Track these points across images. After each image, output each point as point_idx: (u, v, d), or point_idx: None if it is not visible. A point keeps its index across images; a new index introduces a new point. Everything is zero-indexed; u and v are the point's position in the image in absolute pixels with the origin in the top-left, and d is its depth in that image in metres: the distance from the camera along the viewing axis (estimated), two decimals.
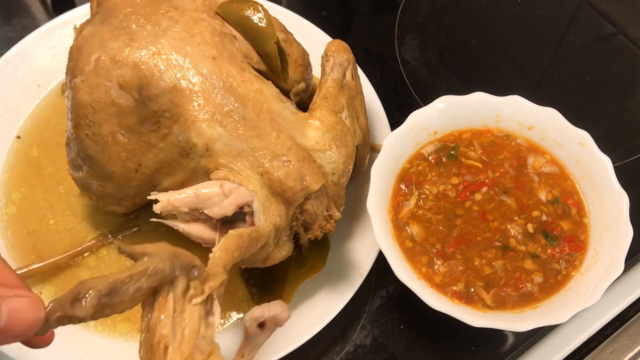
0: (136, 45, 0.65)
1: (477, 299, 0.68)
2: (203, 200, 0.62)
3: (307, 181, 0.64)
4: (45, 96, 0.88)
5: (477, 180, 0.74)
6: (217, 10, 0.71)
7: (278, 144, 0.65)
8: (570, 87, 0.98)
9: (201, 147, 0.64)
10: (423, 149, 0.77)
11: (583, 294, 0.66)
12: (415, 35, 1.02)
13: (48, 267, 0.75)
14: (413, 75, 0.97)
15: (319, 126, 0.68)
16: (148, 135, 0.66)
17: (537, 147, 0.77)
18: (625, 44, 1.01)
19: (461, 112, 0.77)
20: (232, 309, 0.75)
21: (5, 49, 0.88)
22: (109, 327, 0.74)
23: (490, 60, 1.00)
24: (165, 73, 0.64)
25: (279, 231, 0.65)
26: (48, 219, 0.80)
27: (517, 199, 0.73)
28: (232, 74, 0.67)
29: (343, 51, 0.74)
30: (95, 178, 0.70)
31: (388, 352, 0.75)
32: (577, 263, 0.70)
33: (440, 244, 0.71)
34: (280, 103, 0.68)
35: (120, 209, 0.74)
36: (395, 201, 0.73)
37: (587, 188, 0.74)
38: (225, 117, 0.64)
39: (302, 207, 0.65)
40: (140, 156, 0.67)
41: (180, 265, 0.48)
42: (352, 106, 0.74)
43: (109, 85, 0.65)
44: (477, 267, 0.69)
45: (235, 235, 0.58)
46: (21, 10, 1.00)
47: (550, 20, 1.04)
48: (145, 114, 0.65)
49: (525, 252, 0.70)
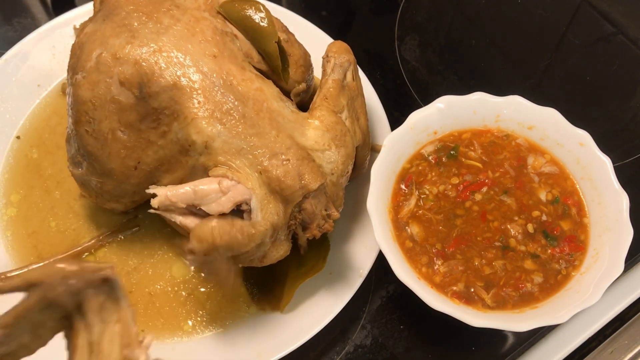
0: (137, 43, 0.65)
1: (477, 299, 0.68)
2: (201, 197, 0.62)
3: (306, 180, 0.64)
4: (45, 96, 0.88)
5: (477, 180, 0.74)
6: (218, 9, 0.71)
7: (277, 142, 0.65)
8: (570, 87, 0.98)
9: (200, 144, 0.64)
10: (423, 149, 0.77)
11: (583, 294, 0.66)
12: (415, 35, 1.02)
13: None
14: (413, 75, 0.97)
15: (318, 126, 0.68)
16: (148, 133, 0.67)
17: (537, 147, 0.77)
18: (625, 44, 1.01)
19: (461, 112, 0.77)
20: (232, 309, 0.75)
21: (5, 49, 0.88)
22: None
23: (490, 60, 1.00)
24: (165, 70, 0.65)
25: (276, 230, 0.65)
26: (49, 220, 0.80)
27: (517, 199, 0.73)
28: (233, 72, 0.67)
29: (344, 52, 0.74)
30: (94, 175, 0.70)
31: (388, 352, 0.75)
32: (577, 263, 0.70)
33: (440, 244, 0.71)
34: (280, 102, 0.68)
35: (119, 206, 0.74)
36: (395, 201, 0.73)
37: (587, 188, 0.74)
38: (225, 115, 0.64)
39: (300, 206, 0.65)
40: (139, 153, 0.67)
41: (82, 285, 0.40)
42: (352, 107, 0.74)
43: (109, 82, 0.65)
44: (477, 267, 0.69)
45: (227, 220, 0.59)
46: (21, 10, 1.00)
47: (550, 20, 1.04)
48: (145, 111, 0.66)
49: (525, 252, 0.70)
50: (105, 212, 0.79)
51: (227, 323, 0.74)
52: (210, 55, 0.67)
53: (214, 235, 0.58)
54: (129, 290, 0.75)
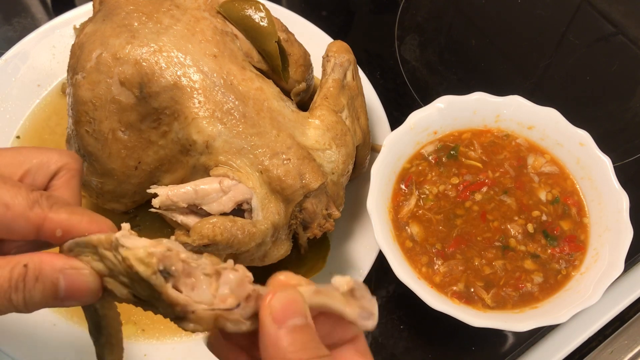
0: (137, 43, 0.65)
1: (477, 299, 0.68)
2: (202, 196, 0.62)
3: (307, 179, 0.64)
4: (45, 96, 0.88)
5: (477, 180, 0.74)
6: (218, 9, 0.71)
7: (278, 142, 0.65)
8: (570, 87, 0.98)
9: (201, 144, 0.64)
10: (423, 149, 0.77)
11: (583, 294, 0.66)
12: (415, 35, 1.02)
13: None
14: (413, 75, 0.97)
15: (319, 125, 0.68)
16: (148, 133, 0.67)
17: (537, 147, 0.77)
18: (625, 44, 1.01)
19: (461, 112, 0.77)
20: None
21: (5, 49, 0.88)
22: None
23: (490, 60, 1.00)
24: (166, 70, 0.65)
25: (277, 229, 0.65)
26: None
27: (517, 199, 0.73)
28: (233, 72, 0.67)
29: (344, 52, 0.74)
30: (95, 175, 0.70)
31: (388, 352, 0.75)
32: (577, 263, 0.70)
33: (440, 244, 0.71)
34: (281, 102, 0.68)
35: (120, 206, 0.74)
36: (395, 201, 0.73)
37: (587, 188, 0.74)
38: (226, 114, 0.64)
39: (301, 206, 0.65)
40: (140, 153, 0.67)
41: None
42: (352, 106, 0.74)
43: (110, 82, 0.65)
44: (477, 267, 0.69)
45: (229, 218, 0.59)
46: (21, 10, 1.00)
47: (550, 20, 1.04)
48: (145, 111, 0.66)
49: (525, 252, 0.70)
50: (106, 212, 0.79)
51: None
52: (211, 55, 0.67)
53: (214, 231, 0.58)
54: None
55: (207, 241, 0.58)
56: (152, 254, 0.38)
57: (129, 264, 0.38)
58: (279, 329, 0.37)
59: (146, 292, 0.39)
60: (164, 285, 0.38)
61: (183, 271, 0.39)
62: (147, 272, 0.38)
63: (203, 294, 0.39)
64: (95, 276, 0.41)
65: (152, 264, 0.38)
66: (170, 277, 0.38)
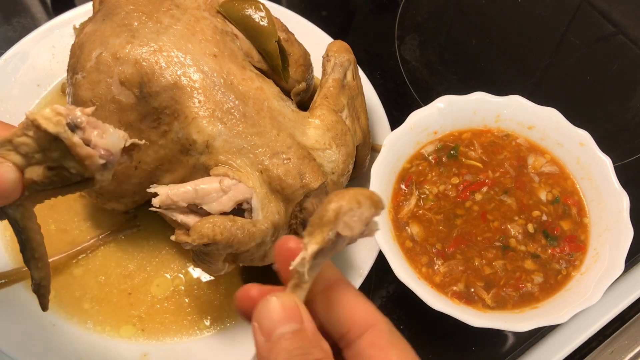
0: (137, 42, 0.65)
1: (477, 299, 0.68)
2: (202, 196, 0.62)
3: (307, 179, 0.64)
4: (45, 96, 0.88)
5: (477, 180, 0.74)
6: (218, 8, 0.71)
7: (278, 141, 0.65)
8: (570, 87, 0.98)
9: (201, 143, 0.64)
10: (423, 149, 0.77)
11: (583, 294, 0.66)
12: (415, 35, 1.02)
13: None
14: (413, 75, 0.97)
15: (319, 125, 0.68)
16: (148, 132, 0.66)
17: (537, 147, 0.77)
18: (625, 44, 1.01)
19: (461, 112, 0.77)
20: (232, 308, 0.75)
21: (5, 49, 0.88)
22: (111, 329, 0.73)
23: (490, 60, 1.00)
24: (166, 70, 0.65)
25: (277, 229, 0.65)
26: (48, 220, 0.80)
27: (517, 199, 0.73)
28: (233, 71, 0.67)
29: (344, 52, 0.74)
30: None
31: None
32: (577, 263, 0.70)
33: (441, 244, 0.71)
34: (281, 101, 0.68)
35: (120, 206, 0.74)
36: (395, 201, 0.73)
37: (587, 188, 0.74)
38: (226, 114, 0.64)
39: (301, 205, 0.65)
40: (140, 153, 0.67)
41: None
42: (352, 106, 0.74)
43: (109, 81, 0.65)
44: (477, 267, 0.69)
45: (229, 217, 0.59)
46: (21, 10, 1.00)
47: (550, 20, 1.04)
48: (145, 110, 0.66)
49: (526, 252, 0.70)
50: (106, 212, 0.79)
51: (227, 323, 0.74)
52: (211, 54, 0.67)
53: (214, 230, 0.58)
54: (128, 292, 0.75)
55: (207, 240, 0.58)
56: (58, 111, 0.41)
57: (37, 124, 0.41)
58: (265, 342, 0.37)
59: (57, 154, 0.42)
60: (72, 137, 0.41)
61: (89, 122, 0.42)
62: (57, 128, 0.41)
63: (113, 136, 0.43)
64: (13, 167, 0.43)
65: (60, 120, 0.41)
66: (78, 130, 0.41)
